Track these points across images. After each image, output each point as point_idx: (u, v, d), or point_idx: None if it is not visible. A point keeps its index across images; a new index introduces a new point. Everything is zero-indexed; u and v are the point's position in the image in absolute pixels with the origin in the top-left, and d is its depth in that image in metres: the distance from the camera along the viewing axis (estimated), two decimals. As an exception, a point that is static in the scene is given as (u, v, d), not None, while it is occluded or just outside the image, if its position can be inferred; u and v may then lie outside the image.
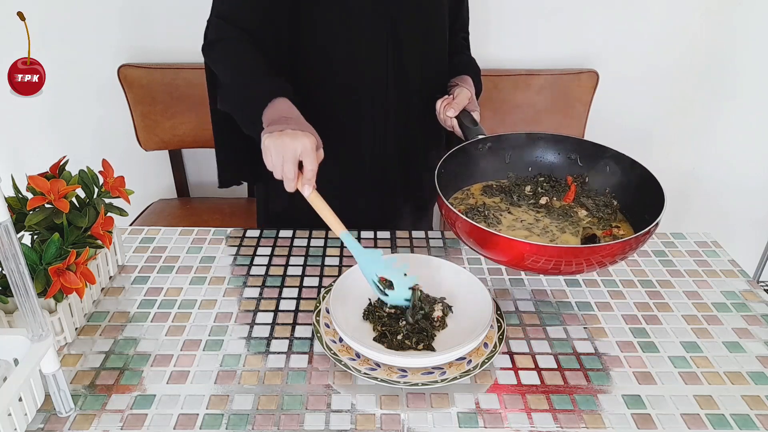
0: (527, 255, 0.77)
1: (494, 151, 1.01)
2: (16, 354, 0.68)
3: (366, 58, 1.03)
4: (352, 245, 0.84)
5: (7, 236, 0.57)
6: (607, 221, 0.93)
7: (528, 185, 1.00)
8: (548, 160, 1.03)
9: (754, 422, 0.69)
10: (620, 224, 0.92)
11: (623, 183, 0.96)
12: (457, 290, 0.87)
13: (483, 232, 0.79)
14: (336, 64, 1.03)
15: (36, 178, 0.78)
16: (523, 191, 0.99)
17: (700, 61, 1.72)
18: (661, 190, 0.86)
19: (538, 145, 1.03)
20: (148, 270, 0.95)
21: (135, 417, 0.68)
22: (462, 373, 0.73)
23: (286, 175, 0.83)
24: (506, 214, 0.93)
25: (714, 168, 1.90)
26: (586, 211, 0.94)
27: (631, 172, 0.94)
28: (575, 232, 0.90)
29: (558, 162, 1.03)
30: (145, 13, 1.62)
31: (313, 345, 0.80)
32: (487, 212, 0.91)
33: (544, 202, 0.96)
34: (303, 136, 0.83)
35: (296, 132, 0.84)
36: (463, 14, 1.18)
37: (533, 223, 0.92)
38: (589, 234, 0.89)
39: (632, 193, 0.94)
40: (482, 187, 1.01)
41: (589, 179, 1.00)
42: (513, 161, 1.03)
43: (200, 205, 1.79)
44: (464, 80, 1.12)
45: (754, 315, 0.88)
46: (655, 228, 0.79)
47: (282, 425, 0.67)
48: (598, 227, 0.91)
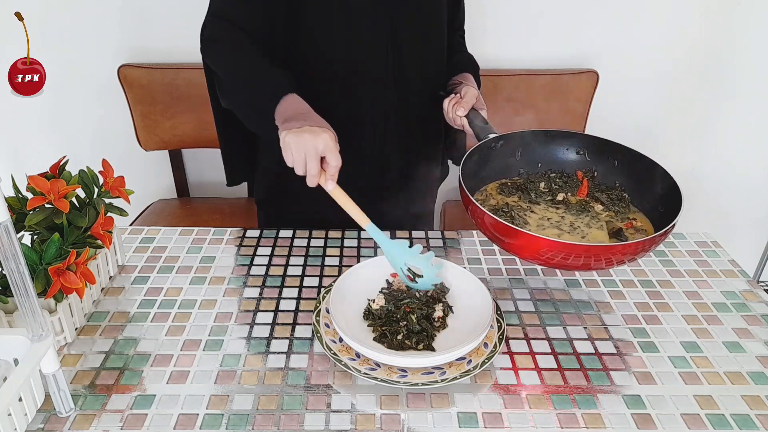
0: (574, 255, 0.79)
1: (506, 148, 1.03)
2: (16, 354, 0.68)
3: (366, 58, 1.03)
4: (378, 237, 0.87)
5: (7, 236, 0.57)
6: (623, 214, 0.95)
7: (541, 181, 1.02)
8: (557, 155, 1.05)
9: (754, 422, 0.69)
10: (636, 216, 0.95)
11: (631, 175, 0.98)
12: (457, 290, 0.87)
13: (528, 237, 0.79)
14: (335, 64, 1.03)
15: (36, 178, 0.78)
16: (538, 188, 1.00)
17: (700, 61, 1.72)
18: (670, 178, 0.89)
19: (547, 141, 1.05)
20: (148, 270, 0.95)
21: (135, 417, 0.68)
22: (462, 373, 0.73)
23: (309, 171, 0.84)
24: (530, 214, 0.95)
25: (714, 168, 1.90)
26: (602, 205, 0.96)
27: (636, 165, 0.96)
28: (600, 226, 0.92)
29: (566, 157, 1.05)
30: (145, 13, 1.62)
31: (313, 345, 0.80)
32: (513, 212, 0.93)
33: (561, 198, 0.98)
34: (323, 132, 0.84)
35: (315, 128, 0.85)
36: (459, 14, 1.18)
37: (559, 220, 0.93)
38: (615, 228, 0.91)
39: (640, 184, 0.96)
40: (498, 185, 1.02)
41: (598, 173, 1.02)
42: (523, 157, 1.05)
43: (200, 205, 1.79)
44: (467, 78, 1.12)
45: (754, 315, 0.88)
46: (674, 224, 0.81)
47: (282, 425, 0.67)
48: (617, 220, 0.94)
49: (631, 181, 0.99)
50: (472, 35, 1.23)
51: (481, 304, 0.82)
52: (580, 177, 1.02)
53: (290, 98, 0.91)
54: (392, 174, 1.14)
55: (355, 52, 1.02)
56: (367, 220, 0.86)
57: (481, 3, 1.62)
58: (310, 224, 1.07)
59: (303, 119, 0.87)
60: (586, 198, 0.99)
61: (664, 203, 0.90)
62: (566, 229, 0.91)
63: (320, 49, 1.02)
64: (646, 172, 0.94)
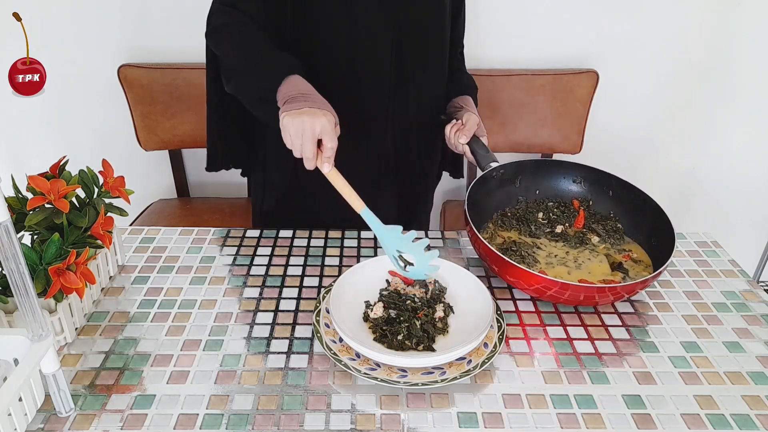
0: (591, 296, 0.83)
1: (507, 176, 1.06)
2: (16, 354, 0.68)
3: (367, 58, 1.02)
4: (373, 222, 0.86)
5: (7, 236, 0.57)
6: (618, 245, 0.99)
7: (540, 212, 1.05)
8: (556, 183, 1.09)
9: (754, 422, 0.69)
10: (631, 247, 0.99)
11: (625, 205, 1.03)
12: (458, 290, 0.87)
13: (548, 281, 0.81)
14: (339, 58, 1.03)
15: (36, 178, 0.78)
16: (537, 218, 1.04)
17: (700, 61, 1.72)
18: (661, 211, 0.95)
19: (545, 169, 1.09)
20: (148, 270, 0.95)
21: (135, 417, 0.68)
22: (462, 373, 0.73)
23: (305, 154, 0.85)
24: (537, 251, 0.97)
25: (714, 167, 1.90)
26: (598, 236, 1.00)
27: (629, 195, 1.02)
28: (600, 260, 0.95)
29: (563, 186, 1.09)
30: (145, 13, 1.62)
31: (313, 345, 0.80)
32: (523, 252, 0.95)
33: (559, 231, 1.01)
34: (321, 114, 0.84)
35: (314, 110, 0.85)
36: (459, 25, 1.18)
37: (564, 257, 0.96)
38: (615, 262, 0.95)
39: (634, 215, 1.02)
40: (498, 216, 1.05)
41: (593, 202, 1.07)
42: (522, 184, 1.09)
43: (200, 205, 1.79)
44: (467, 102, 1.13)
45: (754, 315, 0.88)
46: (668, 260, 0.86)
47: (282, 425, 0.67)
48: (614, 252, 0.98)
49: (625, 211, 1.03)
50: (473, 35, 1.23)
51: (481, 304, 0.82)
52: (576, 206, 1.06)
53: (293, 78, 0.91)
54: (388, 179, 1.14)
55: (357, 55, 1.02)
56: (363, 205, 0.86)
57: (482, 3, 1.62)
58: (305, 223, 1.07)
59: (303, 100, 0.87)
60: (583, 229, 1.02)
61: (657, 235, 0.94)
62: (572, 265, 0.94)
63: (326, 43, 1.01)
64: (639, 202, 0.99)
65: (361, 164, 1.11)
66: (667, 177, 1.92)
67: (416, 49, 1.05)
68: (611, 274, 0.92)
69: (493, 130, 1.70)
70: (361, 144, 1.09)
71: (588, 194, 1.07)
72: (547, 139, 1.71)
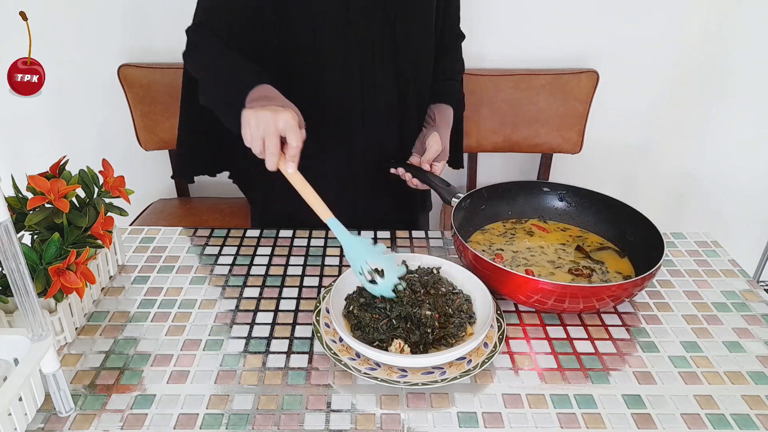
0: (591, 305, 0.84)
1: (492, 197, 1.06)
2: (16, 354, 0.68)
3: (359, 62, 1.02)
4: (339, 231, 0.82)
5: (7, 236, 0.57)
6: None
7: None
8: (544, 202, 1.08)
9: (754, 422, 0.69)
10: (610, 255, 0.98)
11: (613, 224, 1.02)
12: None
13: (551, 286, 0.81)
14: (321, 65, 1.02)
15: (36, 178, 0.78)
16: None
17: (699, 61, 1.72)
18: (652, 226, 0.93)
19: (530, 190, 1.08)
20: (148, 270, 0.95)
21: (135, 417, 0.68)
22: (462, 373, 0.73)
23: (268, 149, 0.81)
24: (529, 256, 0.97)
25: (714, 167, 1.90)
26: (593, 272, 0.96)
27: (618, 213, 1.00)
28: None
29: (552, 204, 1.08)
30: (145, 13, 1.62)
31: (313, 345, 0.80)
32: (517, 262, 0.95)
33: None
34: (284, 111, 0.81)
35: (278, 107, 0.82)
36: (451, 7, 1.15)
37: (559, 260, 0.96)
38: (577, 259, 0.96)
39: (623, 233, 1.00)
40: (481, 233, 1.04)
41: (581, 218, 1.06)
42: (510, 206, 1.08)
43: (200, 205, 1.79)
44: (442, 114, 1.12)
45: (754, 315, 0.88)
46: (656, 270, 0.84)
47: (282, 425, 0.68)
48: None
49: (611, 228, 1.02)
50: (473, 35, 1.23)
51: (481, 304, 0.82)
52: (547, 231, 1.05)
53: (262, 87, 0.89)
54: (381, 178, 1.14)
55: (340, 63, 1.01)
56: (329, 213, 0.81)
57: (482, 3, 1.62)
58: (310, 225, 1.07)
59: (267, 100, 0.85)
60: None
61: (652, 248, 0.91)
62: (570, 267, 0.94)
63: (310, 52, 1.01)
64: (625, 215, 0.98)
65: (350, 163, 1.11)
66: (666, 177, 1.92)
67: (407, 48, 1.05)
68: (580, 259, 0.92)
69: (493, 130, 1.70)
70: (352, 145, 1.09)
71: (576, 212, 1.05)
72: (547, 139, 1.71)
